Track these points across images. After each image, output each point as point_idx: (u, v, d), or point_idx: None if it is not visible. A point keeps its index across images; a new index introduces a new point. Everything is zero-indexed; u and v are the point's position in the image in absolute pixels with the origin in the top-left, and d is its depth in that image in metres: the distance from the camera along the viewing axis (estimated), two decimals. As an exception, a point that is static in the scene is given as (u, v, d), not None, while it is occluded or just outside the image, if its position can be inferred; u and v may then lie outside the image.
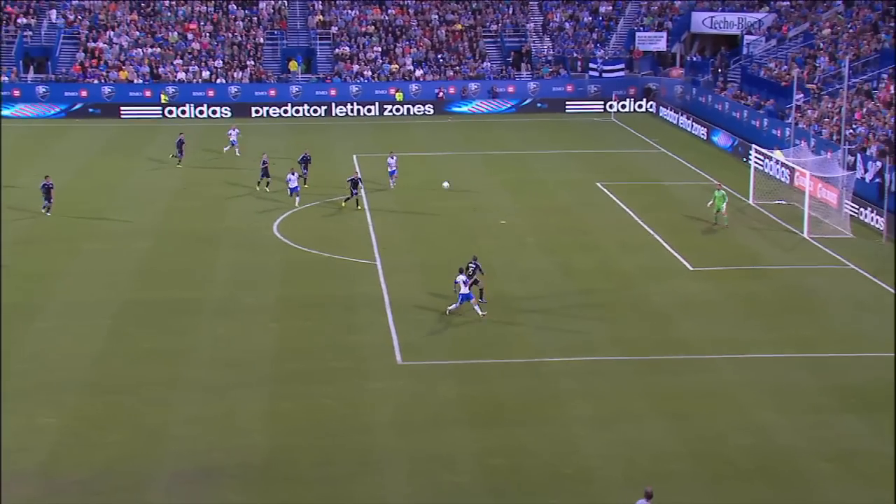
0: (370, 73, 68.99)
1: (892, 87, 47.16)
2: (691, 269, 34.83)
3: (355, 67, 69.21)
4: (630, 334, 28.93)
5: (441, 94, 67.60)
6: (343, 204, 41.70)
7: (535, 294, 32.29)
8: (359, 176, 42.59)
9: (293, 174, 42.09)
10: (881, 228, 38.76)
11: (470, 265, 30.43)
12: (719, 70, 65.33)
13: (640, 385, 25.61)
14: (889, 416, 23.80)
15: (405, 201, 42.64)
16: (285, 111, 65.79)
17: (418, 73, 69.31)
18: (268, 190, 43.81)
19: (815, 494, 20.50)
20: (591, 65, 69.50)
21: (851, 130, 45.09)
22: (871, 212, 39.92)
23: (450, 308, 29.82)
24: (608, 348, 27.90)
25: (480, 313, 29.61)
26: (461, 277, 29.71)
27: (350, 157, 52.06)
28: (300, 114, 65.62)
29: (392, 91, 67.60)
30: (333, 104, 66.24)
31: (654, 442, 22.57)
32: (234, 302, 31.46)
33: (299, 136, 57.46)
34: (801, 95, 51.65)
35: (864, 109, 47.03)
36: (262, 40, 70.83)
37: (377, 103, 66.69)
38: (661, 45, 71.50)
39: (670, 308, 30.89)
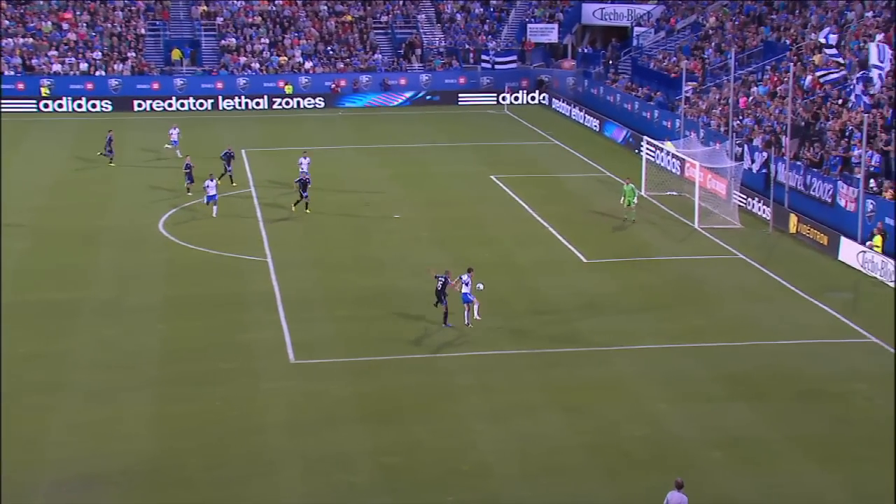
0: (258, 65, 68.15)
1: (774, 79, 48.79)
2: (585, 261, 35.46)
3: (242, 59, 68.26)
4: (525, 328, 29.29)
5: (336, 87, 67.28)
6: (293, 208, 40.31)
7: (429, 289, 32.34)
8: (308, 177, 40.39)
9: (212, 180, 39.58)
10: (768, 218, 40.13)
11: (439, 279, 28.76)
12: (610, 62, 66.61)
13: (536, 378, 25.97)
14: (776, 403, 24.68)
15: (296, 196, 42.19)
16: (170, 104, 64.46)
17: (308, 65, 68.79)
18: (189, 193, 42.30)
19: (706, 482, 21.12)
20: (484, 56, 69.99)
21: (738, 122, 46.52)
22: (759, 202, 41.28)
23: (467, 321, 28.75)
24: (503, 342, 28.20)
25: (476, 316, 28.77)
26: (464, 277, 28.71)
27: (238, 151, 51.44)
28: (185, 107, 64.40)
29: (281, 84, 66.95)
30: (220, 97, 65.19)
31: (550, 435, 22.93)
32: (118, 302, 30.75)
33: (185, 131, 56.30)
34: (690, 87, 53.06)
35: (750, 99, 48.57)
36: (143, 31, 69.25)
37: (266, 96, 65.96)
38: (553, 37, 72.50)
39: (565, 301, 31.39)
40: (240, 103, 65.32)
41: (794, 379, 26.01)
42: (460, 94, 68.43)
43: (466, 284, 28.78)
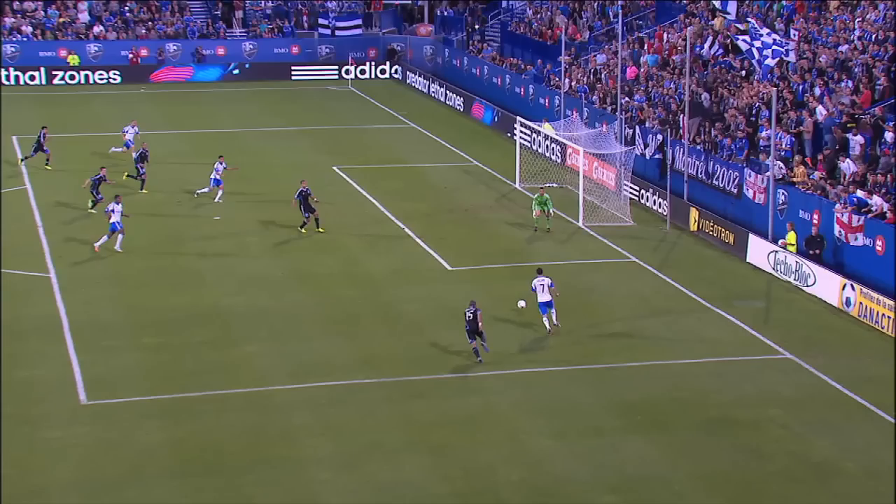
0: (30, 28, 66.43)
1: (668, 47, 50.25)
2: (450, 269, 35.82)
3: (8, 21, 66.37)
4: (378, 351, 29.37)
5: (135, 57, 66.11)
6: (303, 230, 38.75)
7: (259, 307, 32.18)
8: (307, 189, 38.43)
9: (118, 203, 36.62)
10: (665, 213, 41.28)
11: (468, 312, 28.44)
12: (475, 27, 67.47)
13: (393, 413, 26.07)
14: (678, 434, 25.40)
15: (85, 194, 41.23)
16: (-88, 79, 62.43)
17: (98, 29, 67.37)
18: (93, 210, 40.05)
19: (600, 531, 21.61)
20: (322, 20, 69.97)
21: (627, 98, 47.74)
22: (654, 194, 42.41)
23: (550, 326, 30.34)
24: (352, 370, 28.22)
25: (555, 323, 30.34)
26: (536, 281, 29.95)
27: (8, 138, 50.11)
28: (-66, 82, 62.41)
29: (63, 53, 65.56)
30: (-19, 70, 63.85)
31: (412, 483, 23.05)
32: None
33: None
34: (570, 57, 54.16)
35: (641, 70, 49.90)
36: None
37: (43, 69, 64.71)
38: (406, -3, 73.05)
39: (425, 317, 31.62)
40: (8, 77, 63.85)
41: (699, 405, 26.81)
42: (293, 67, 68.31)
43: (536, 290, 29.95)
